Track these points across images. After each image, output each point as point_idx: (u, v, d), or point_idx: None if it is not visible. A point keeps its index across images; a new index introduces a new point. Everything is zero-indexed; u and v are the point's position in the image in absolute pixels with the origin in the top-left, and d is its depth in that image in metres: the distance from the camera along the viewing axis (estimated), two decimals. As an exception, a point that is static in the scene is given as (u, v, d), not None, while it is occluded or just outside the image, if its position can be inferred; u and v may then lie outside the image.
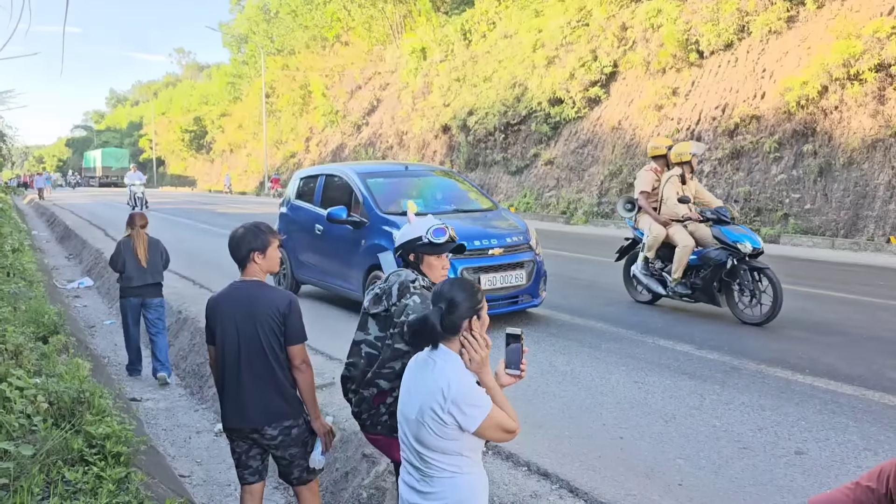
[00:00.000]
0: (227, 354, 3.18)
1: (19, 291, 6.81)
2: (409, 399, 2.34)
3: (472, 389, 2.23)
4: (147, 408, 6.25)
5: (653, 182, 8.11)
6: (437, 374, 2.24)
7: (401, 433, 2.39)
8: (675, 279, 7.62)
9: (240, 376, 3.16)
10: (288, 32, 50.84)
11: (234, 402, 3.20)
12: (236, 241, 3.19)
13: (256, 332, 3.12)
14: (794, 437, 4.36)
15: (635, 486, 3.73)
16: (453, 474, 2.27)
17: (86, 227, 19.82)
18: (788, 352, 6.22)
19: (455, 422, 2.19)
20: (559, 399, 5.16)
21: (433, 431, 2.22)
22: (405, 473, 2.37)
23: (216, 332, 3.23)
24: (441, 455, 2.24)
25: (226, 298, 3.24)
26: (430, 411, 2.21)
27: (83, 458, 3.53)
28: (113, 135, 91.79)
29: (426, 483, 2.28)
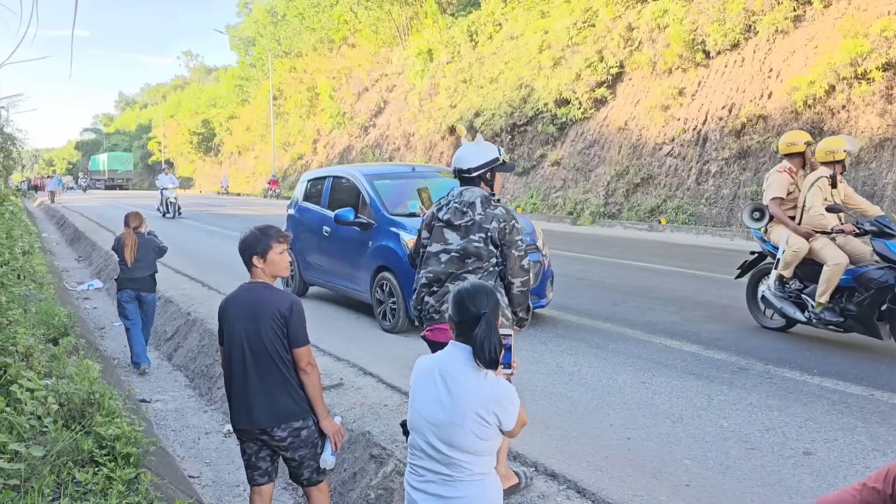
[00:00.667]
0: (233, 356, 3.21)
1: (30, 294, 6.86)
2: (435, 406, 2.31)
3: (511, 388, 2.31)
4: (156, 409, 6.28)
5: (787, 186, 6.76)
6: (482, 378, 2.28)
7: (419, 441, 2.35)
8: (819, 304, 6.28)
9: (247, 378, 3.19)
10: (295, 35, 50.97)
11: (242, 403, 3.22)
12: (241, 244, 3.25)
13: (260, 334, 3.14)
14: (802, 438, 4.35)
15: (643, 487, 3.73)
16: (482, 476, 2.29)
17: (95, 229, 19.94)
18: (796, 352, 6.21)
19: (498, 421, 2.25)
20: (566, 399, 5.17)
21: (474, 434, 2.24)
22: (421, 483, 2.33)
23: (224, 332, 3.27)
24: (474, 457, 2.26)
25: (234, 300, 3.28)
26: (475, 414, 2.23)
27: (93, 458, 3.56)
28: (122, 137, 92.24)
29: (454, 487, 2.27)
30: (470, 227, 3.62)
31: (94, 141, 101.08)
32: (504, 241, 3.61)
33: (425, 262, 3.75)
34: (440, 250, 3.69)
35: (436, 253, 3.69)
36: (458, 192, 3.74)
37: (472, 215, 3.63)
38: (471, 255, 3.61)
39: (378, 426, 4.64)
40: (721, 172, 17.06)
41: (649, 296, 8.86)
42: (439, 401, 2.30)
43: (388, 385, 5.49)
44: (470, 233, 3.62)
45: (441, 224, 3.72)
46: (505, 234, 3.61)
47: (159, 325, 8.86)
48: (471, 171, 3.75)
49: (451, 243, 3.66)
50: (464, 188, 3.76)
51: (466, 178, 3.78)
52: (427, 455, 2.32)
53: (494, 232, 3.59)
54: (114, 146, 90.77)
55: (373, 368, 5.95)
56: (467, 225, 3.63)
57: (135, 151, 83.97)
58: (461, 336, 2.35)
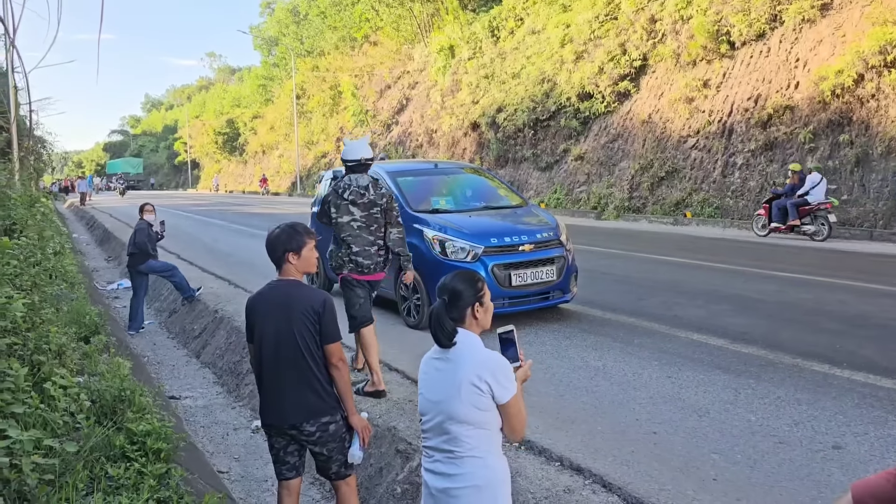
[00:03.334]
0: (264, 352, 3.24)
1: (61, 293, 6.99)
2: (437, 385, 2.45)
3: (506, 364, 2.44)
4: (185, 405, 6.38)
5: None
6: (472, 350, 2.44)
7: (426, 422, 2.48)
8: None
9: (278, 374, 3.21)
10: (317, 34, 51.22)
11: (273, 399, 3.25)
12: (272, 241, 3.26)
13: (292, 331, 3.16)
14: (831, 432, 4.30)
15: (669, 481, 3.71)
16: (483, 454, 2.39)
17: (124, 229, 20.23)
18: (825, 345, 6.13)
19: (490, 391, 2.36)
20: (592, 394, 5.15)
21: (470, 402, 2.36)
22: (431, 463, 2.47)
23: (254, 330, 3.29)
24: (472, 429, 2.37)
25: (263, 298, 3.31)
26: (469, 383, 2.36)
27: (125, 454, 3.62)
28: (149, 139, 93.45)
29: (455, 465, 2.38)
30: (368, 203, 5.39)
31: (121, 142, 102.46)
32: (389, 208, 5.47)
33: (340, 229, 5.38)
34: (350, 220, 5.38)
35: (347, 222, 5.38)
36: (358, 179, 5.41)
37: (367, 195, 5.39)
38: (373, 222, 5.40)
39: (403, 421, 4.67)
40: (747, 165, 16.85)
41: (675, 290, 8.79)
42: (440, 379, 2.45)
43: (412, 381, 5.51)
44: (370, 207, 5.38)
45: (346, 202, 5.38)
46: (390, 204, 5.50)
47: (186, 323, 8.99)
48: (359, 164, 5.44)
49: (355, 216, 5.37)
50: (357, 175, 5.45)
51: (356, 167, 5.46)
52: (434, 433, 2.45)
53: (384, 204, 5.44)
54: (141, 147, 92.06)
55: (398, 364, 5.97)
56: (366, 202, 5.39)
57: (161, 152, 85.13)
58: None
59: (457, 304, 2.49)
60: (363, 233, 5.36)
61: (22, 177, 12.58)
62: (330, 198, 5.46)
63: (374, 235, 5.41)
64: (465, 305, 2.50)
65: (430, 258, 7.08)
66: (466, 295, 2.50)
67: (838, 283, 8.88)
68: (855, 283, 8.91)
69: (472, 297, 2.50)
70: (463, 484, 2.36)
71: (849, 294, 8.23)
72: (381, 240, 5.45)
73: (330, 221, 5.50)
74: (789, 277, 9.42)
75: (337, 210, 5.40)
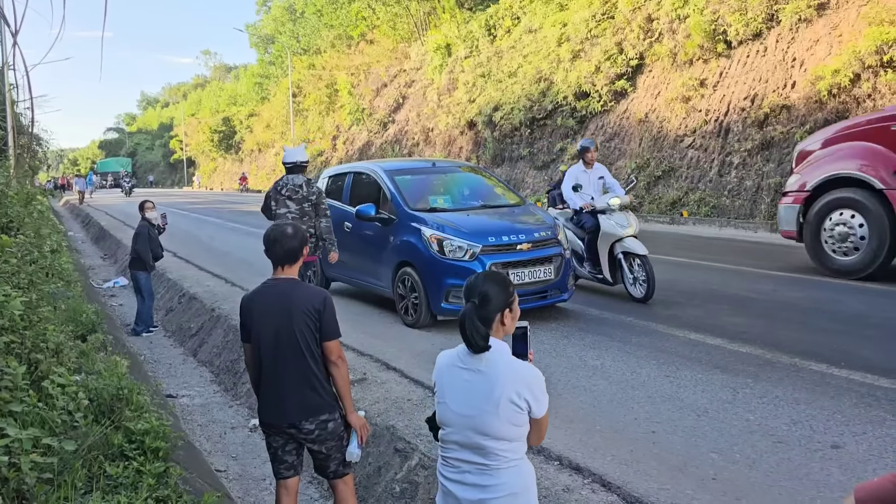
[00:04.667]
0: (263, 351, 3.23)
1: (58, 291, 6.96)
2: (466, 398, 2.33)
3: (541, 377, 2.35)
4: (183, 404, 6.36)
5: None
6: (508, 363, 2.33)
7: (452, 434, 2.36)
8: None
9: (277, 372, 3.21)
10: (314, 32, 51.12)
11: (272, 397, 3.25)
12: (279, 240, 3.25)
13: (293, 329, 3.16)
14: (830, 431, 4.31)
15: (668, 480, 3.71)
16: (517, 462, 2.34)
17: (120, 227, 20.18)
18: (823, 345, 6.14)
19: (528, 407, 2.29)
20: (590, 393, 5.15)
21: (507, 419, 2.28)
22: (458, 474, 2.35)
23: (252, 329, 3.27)
24: (508, 444, 2.30)
25: (261, 296, 3.29)
26: (508, 400, 2.27)
27: (123, 453, 3.61)
28: (144, 136, 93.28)
29: (490, 476, 2.30)
30: (301, 199, 6.71)
31: (117, 140, 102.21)
32: (318, 202, 6.82)
33: (278, 219, 6.49)
34: (286, 212, 6.67)
35: (284, 213, 6.67)
36: (294, 179, 6.75)
37: (301, 192, 6.71)
38: (305, 214, 6.71)
39: (402, 420, 4.66)
40: (744, 164, 16.87)
41: (673, 289, 8.79)
42: (471, 392, 2.32)
43: (411, 380, 5.51)
44: (302, 202, 6.71)
45: (283, 197, 6.71)
46: (320, 199, 6.84)
47: (183, 321, 8.97)
48: (297, 165, 6.80)
49: (291, 208, 6.69)
50: (293, 175, 6.78)
51: (294, 169, 6.80)
52: (462, 447, 2.34)
53: (314, 199, 6.77)
54: (136, 145, 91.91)
55: (396, 363, 5.97)
56: (299, 198, 6.71)
57: (157, 150, 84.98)
58: None
59: (487, 308, 2.33)
60: (296, 222, 6.25)
61: (18, 174, 12.53)
62: (271, 194, 6.83)
63: (305, 224, 6.60)
64: (496, 310, 2.35)
65: (428, 257, 7.07)
66: (498, 299, 2.36)
67: (833, 282, 8.89)
68: (852, 282, 8.92)
69: (503, 302, 2.36)
70: (500, 494, 2.30)
71: (845, 294, 8.24)
72: (311, 228, 6.73)
73: (271, 214, 6.80)
74: (786, 277, 9.44)
75: (276, 204, 6.74)
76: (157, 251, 8.89)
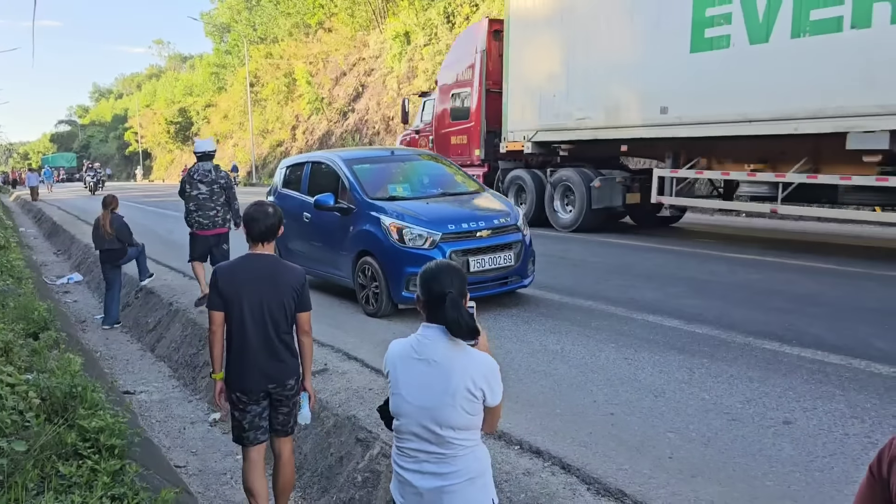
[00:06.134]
0: (248, 318, 3.41)
1: (7, 289, 6.79)
2: (422, 390, 2.32)
3: (497, 367, 2.36)
4: (141, 400, 6.26)
5: None
6: (464, 353, 2.33)
7: (407, 425, 2.35)
8: None
9: (268, 338, 3.44)
10: (270, 20, 50.37)
11: (262, 361, 3.45)
12: (265, 218, 3.47)
13: (281, 300, 3.43)
14: (782, 408, 4.42)
15: (626, 461, 3.77)
16: (472, 448, 2.35)
17: (73, 222, 19.71)
18: (775, 324, 6.29)
19: (483, 397, 2.30)
20: (550, 377, 5.20)
21: (464, 409, 2.28)
22: (415, 464, 2.35)
23: (231, 297, 3.41)
24: (465, 432, 2.31)
25: (244, 268, 3.48)
26: (465, 390, 2.27)
27: (77, 451, 3.54)
28: (97, 129, 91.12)
29: (448, 464, 2.31)
30: (211, 182, 7.83)
31: (69, 133, 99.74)
32: (227, 186, 7.95)
33: (191, 199, 7.85)
34: (197, 193, 7.81)
35: (195, 195, 7.82)
36: (204, 165, 7.89)
37: (210, 177, 7.86)
38: (214, 194, 7.83)
39: (363, 410, 4.66)
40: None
41: (631, 273, 8.92)
42: (427, 384, 2.31)
43: (372, 369, 5.50)
44: (212, 185, 7.83)
45: (196, 181, 7.82)
46: (229, 183, 8.02)
47: (141, 316, 8.81)
48: (206, 154, 7.98)
49: (202, 190, 7.81)
50: (204, 163, 7.91)
51: (204, 157, 7.95)
52: (419, 437, 2.33)
53: (223, 183, 7.91)
54: (90, 137, 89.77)
55: (357, 353, 5.95)
56: (209, 181, 7.83)
57: (111, 142, 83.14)
58: (431, 315, 2.36)
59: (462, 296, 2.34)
60: (206, 202, 7.83)
61: (-37, 169, 12.14)
62: (185, 178, 7.96)
63: (213, 203, 7.83)
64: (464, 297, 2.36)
65: (388, 245, 7.05)
66: (464, 286, 2.36)
67: (787, 262, 9.11)
68: (803, 262, 9.15)
69: (464, 290, 2.37)
70: (458, 480, 2.31)
71: (797, 273, 8.45)
72: (218, 206, 7.87)
73: (185, 195, 7.93)
74: (740, 258, 9.64)
75: (190, 186, 7.85)
76: None
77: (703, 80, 10.19)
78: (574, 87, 12.38)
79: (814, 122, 8.98)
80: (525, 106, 13.55)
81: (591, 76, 12.00)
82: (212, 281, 3.52)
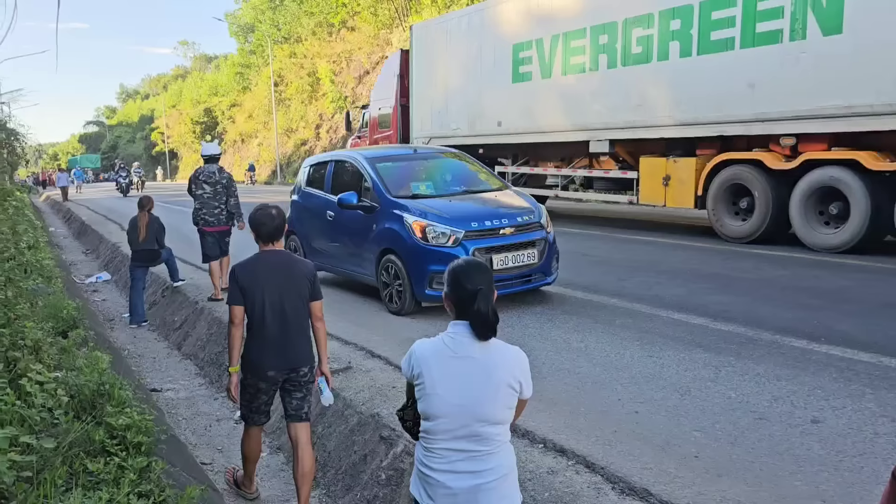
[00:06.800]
0: (269, 308, 3.75)
1: (37, 288, 6.89)
2: (463, 387, 2.30)
3: (527, 359, 2.42)
4: (167, 398, 6.34)
5: None
6: (502, 348, 2.38)
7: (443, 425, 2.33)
8: None
9: (286, 326, 3.78)
10: (294, 20, 50.67)
11: (280, 348, 3.79)
12: (274, 220, 3.84)
13: (298, 291, 3.79)
14: (810, 406, 4.35)
15: (651, 460, 3.74)
16: (505, 443, 2.39)
17: (102, 222, 20.00)
18: (804, 321, 6.19)
19: (521, 389, 2.35)
20: (574, 375, 5.17)
21: (504, 403, 2.32)
22: (448, 464, 2.33)
23: (253, 290, 3.74)
24: (501, 427, 2.35)
25: (262, 263, 3.82)
26: (505, 384, 2.32)
27: (105, 448, 3.58)
28: (125, 129, 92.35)
29: (483, 461, 2.32)
30: (215, 183, 8.46)
31: (97, 134, 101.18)
32: (229, 185, 8.56)
33: (197, 198, 8.52)
34: (202, 193, 8.46)
35: (200, 194, 8.48)
36: (209, 167, 8.50)
37: (214, 178, 8.47)
38: (218, 194, 8.45)
39: (387, 408, 4.66)
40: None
41: (655, 270, 8.84)
42: (468, 381, 2.30)
43: (396, 367, 5.51)
44: (216, 185, 8.46)
45: (201, 181, 8.46)
46: (230, 183, 8.60)
47: (167, 314, 8.92)
48: (212, 157, 8.58)
49: (206, 190, 8.46)
50: (209, 164, 8.51)
51: (210, 160, 8.56)
52: (455, 437, 2.32)
53: (225, 183, 8.53)
54: (117, 138, 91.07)
55: (381, 351, 5.97)
56: (213, 182, 8.46)
57: (138, 143, 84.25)
58: (460, 313, 2.36)
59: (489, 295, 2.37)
60: (211, 201, 8.45)
61: (-6, 170, 12.37)
62: (191, 178, 8.60)
63: (217, 202, 8.46)
64: None
65: (411, 244, 7.06)
66: (492, 285, 2.39)
67: (814, 258, 8.98)
68: (829, 258, 9.01)
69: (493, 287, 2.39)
70: (494, 476, 2.32)
71: (824, 270, 8.32)
72: (223, 205, 8.48)
73: (192, 194, 8.56)
74: (765, 255, 9.51)
75: (196, 187, 8.49)
76: None
77: (519, 103, 14.50)
78: (450, 105, 16.46)
79: (574, 133, 13.30)
80: (423, 118, 17.49)
81: (459, 98, 16.14)
82: (231, 277, 3.81)
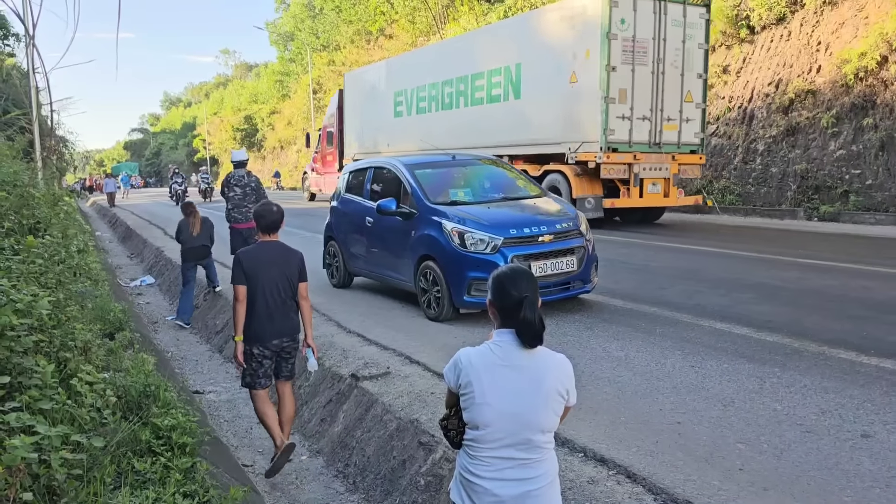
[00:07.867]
0: (269, 288, 4.52)
1: (86, 290, 7.05)
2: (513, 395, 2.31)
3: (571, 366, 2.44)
4: (209, 400, 6.43)
5: None
6: (550, 355, 2.39)
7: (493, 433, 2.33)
8: None
9: (284, 303, 4.59)
10: (333, 28, 51.24)
11: (279, 321, 4.58)
12: (274, 215, 4.64)
13: (292, 274, 4.61)
14: (859, 420, 4.24)
15: (694, 472, 3.68)
16: (552, 450, 2.40)
17: (146, 227, 20.43)
18: (852, 332, 6.04)
19: (567, 396, 2.38)
20: (614, 384, 5.12)
21: (553, 410, 2.34)
22: (497, 472, 2.33)
23: (256, 273, 4.48)
24: (549, 434, 2.37)
25: (264, 251, 4.61)
26: (556, 392, 2.34)
27: (151, 449, 3.66)
28: (168, 136, 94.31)
29: (532, 468, 2.33)
30: (244, 185, 9.55)
31: (141, 140, 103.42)
32: (257, 188, 9.63)
33: (229, 200, 9.57)
34: (233, 195, 9.52)
35: (232, 196, 9.53)
36: (238, 171, 9.69)
37: (244, 181, 9.59)
38: (246, 195, 9.45)
39: (426, 414, 4.67)
40: (769, 151, 16.65)
41: (696, 278, 8.71)
42: (518, 389, 2.30)
43: (434, 373, 5.51)
44: (245, 188, 9.54)
45: (233, 185, 9.52)
46: (259, 185, 9.71)
47: (209, 318, 9.06)
48: (240, 162, 9.77)
49: (237, 192, 9.52)
50: (239, 169, 9.70)
51: (238, 164, 9.74)
52: (505, 445, 2.32)
53: (254, 185, 9.61)
54: (161, 145, 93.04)
55: (419, 357, 5.97)
56: (242, 185, 9.56)
57: (181, 149, 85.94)
58: (505, 320, 2.35)
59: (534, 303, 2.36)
60: (240, 202, 9.50)
61: (45, 176, 12.73)
62: (224, 182, 9.73)
63: (246, 202, 9.45)
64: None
65: (450, 250, 7.07)
66: (537, 293, 2.38)
67: (862, 268, 8.75)
68: (879, 268, 8.78)
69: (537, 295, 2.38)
70: (542, 483, 2.34)
71: (874, 280, 8.11)
72: (250, 204, 9.21)
73: (225, 196, 9.64)
74: (812, 264, 9.31)
75: (228, 189, 9.60)
76: None
77: (398, 131, 21.07)
78: (365, 131, 23.58)
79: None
80: (352, 140, 24.83)
81: (370, 127, 23.09)
82: (235, 261, 4.54)
